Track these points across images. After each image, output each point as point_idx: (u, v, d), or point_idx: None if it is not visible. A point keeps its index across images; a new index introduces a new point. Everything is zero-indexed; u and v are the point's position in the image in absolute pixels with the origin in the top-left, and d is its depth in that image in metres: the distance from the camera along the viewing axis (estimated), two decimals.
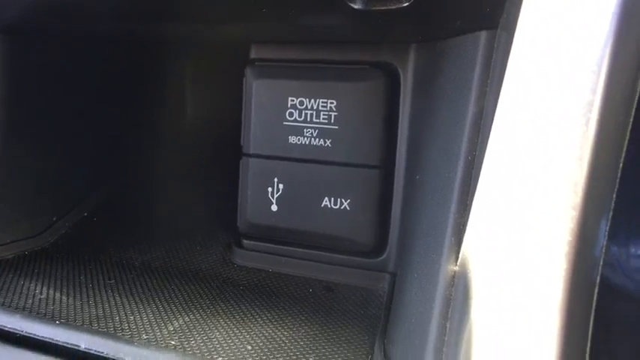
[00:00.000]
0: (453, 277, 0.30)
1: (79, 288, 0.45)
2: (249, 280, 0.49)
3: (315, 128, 0.48)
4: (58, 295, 0.43)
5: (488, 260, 0.26)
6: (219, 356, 0.35)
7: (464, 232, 0.29)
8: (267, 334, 0.38)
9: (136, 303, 0.43)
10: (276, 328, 0.39)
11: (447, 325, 0.31)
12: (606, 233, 0.22)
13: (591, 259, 0.22)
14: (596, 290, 0.22)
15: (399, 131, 0.47)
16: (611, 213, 0.22)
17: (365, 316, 0.42)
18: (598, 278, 0.22)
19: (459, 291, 0.29)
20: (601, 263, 0.22)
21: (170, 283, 0.47)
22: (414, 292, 0.35)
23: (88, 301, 0.42)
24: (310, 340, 0.38)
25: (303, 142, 0.48)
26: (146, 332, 0.37)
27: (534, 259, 0.23)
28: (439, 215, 0.31)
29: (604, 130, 0.22)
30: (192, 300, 0.44)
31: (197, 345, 0.36)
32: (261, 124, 0.50)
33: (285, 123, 0.49)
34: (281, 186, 0.50)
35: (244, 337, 0.37)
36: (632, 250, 0.44)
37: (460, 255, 0.29)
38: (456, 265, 0.30)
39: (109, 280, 0.47)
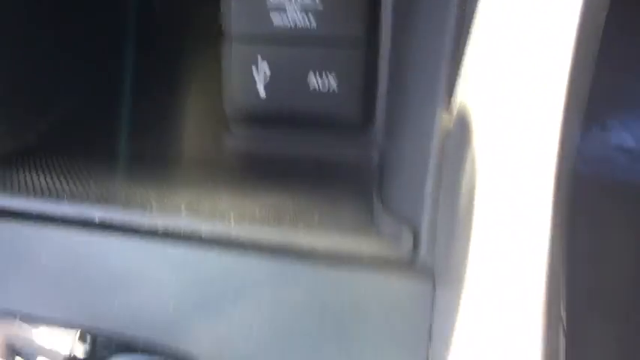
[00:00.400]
0: (448, 126, 0.32)
1: (76, 176, 0.45)
2: (243, 162, 0.50)
3: (298, 3, 0.48)
4: (57, 183, 0.44)
5: (482, 110, 0.29)
6: (231, 217, 0.37)
7: (458, 80, 0.31)
8: (271, 202, 0.40)
9: (136, 184, 0.44)
10: (279, 198, 0.41)
11: (443, 172, 0.33)
12: None
13: None
14: None
15: (383, 5, 0.48)
16: None
17: (360, 182, 0.45)
18: None
19: (453, 138, 0.32)
20: None
21: (167, 167, 0.48)
22: (407, 151, 0.38)
23: (89, 185, 0.43)
24: (313, 204, 0.40)
25: (287, 23, 0.49)
26: (157, 202, 0.39)
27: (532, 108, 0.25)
28: (430, 67, 0.32)
29: None
30: (193, 179, 0.45)
31: (207, 210, 0.38)
32: (242, 1, 0.49)
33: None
34: (266, 69, 0.51)
35: (251, 204, 0.40)
36: None
37: (456, 105, 0.31)
38: (451, 114, 0.32)
39: (104, 167, 0.47)
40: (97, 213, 0.37)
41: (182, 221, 0.36)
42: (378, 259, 0.33)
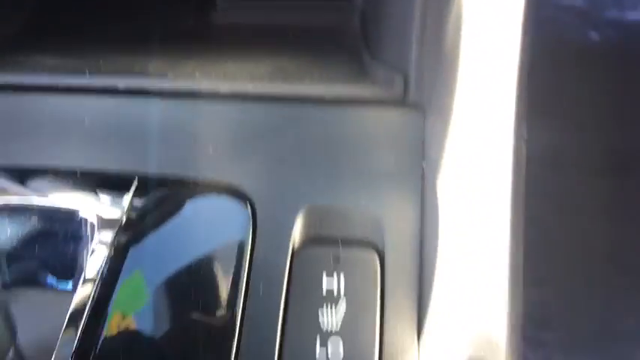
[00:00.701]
0: None
1: (80, 53, 0.48)
2: (234, 32, 0.54)
3: None
4: (66, 60, 0.46)
5: None
6: (243, 77, 0.41)
7: None
8: (273, 63, 0.44)
9: (143, 58, 0.47)
10: (279, 59, 0.46)
11: (427, 20, 0.38)
12: None
13: None
14: None
15: None
16: None
17: (346, 41, 0.50)
18: None
19: None
20: None
21: (165, 40, 0.51)
22: (390, 6, 0.42)
23: (100, 62, 0.46)
24: (311, 62, 0.45)
25: None
26: (171, 71, 0.43)
27: None
28: None
29: None
30: (194, 50, 0.48)
31: (215, 74, 0.42)
32: None
33: None
34: None
35: (256, 65, 0.44)
36: None
37: None
38: None
39: (104, 45, 0.50)
40: (120, 81, 0.41)
41: (202, 83, 0.40)
42: (375, 101, 0.39)
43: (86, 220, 0.35)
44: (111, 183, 0.36)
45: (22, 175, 0.37)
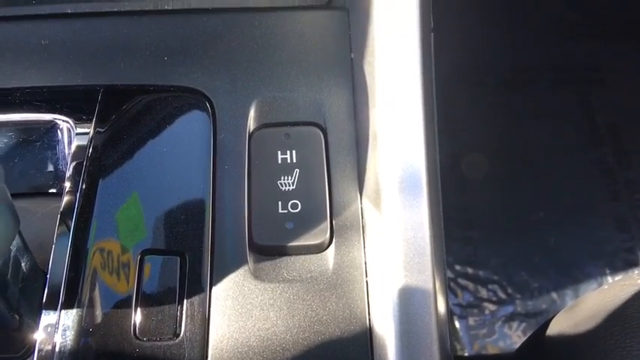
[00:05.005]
0: None
1: None
2: None
3: None
4: None
5: None
6: None
7: None
8: None
9: None
10: None
11: None
12: None
13: None
14: None
15: None
16: None
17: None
18: None
19: None
20: None
21: None
22: None
23: None
24: None
25: None
26: None
27: None
28: None
29: None
30: None
31: None
32: None
33: None
34: None
35: None
36: None
37: None
38: None
39: None
40: (69, 7, 0.44)
41: (146, 3, 0.44)
42: (305, 7, 0.45)
43: (62, 129, 0.39)
44: (78, 95, 0.40)
45: None
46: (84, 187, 0.37)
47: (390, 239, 0.34)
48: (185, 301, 0.34)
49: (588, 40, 1.26)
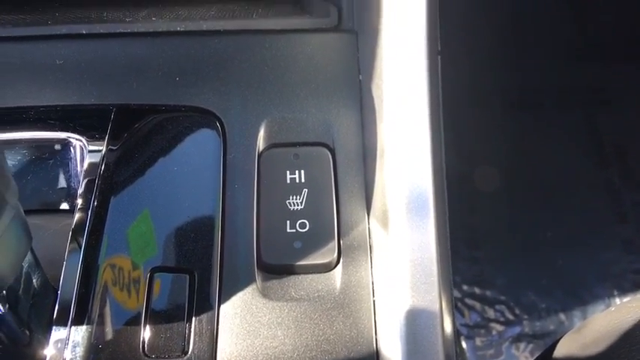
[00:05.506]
0: None
1: (31, 8, 0.50)
2: None
3: None
4: (24, 14, 0.49)
5: None
6: (192, 18, 0.46)
7: None
8: (217, 7, 0.49)
9: (95, 9, 0.50)
10: (222, 3, 0.51)
11: None
12: None
13: None
14: None
15: None
16: None
17: None
18: None
19: None
20: None
21: None
22: None
23: (56, 14, 0.49)
24: (252, 4, 0.50)
25: None
26: (128, 17, 0.47)
27: None
28: None
29: None
30: (141, 1, 0.53)
31: (169, 17, 0.47)
32: None
33: None
34: None
35: (203, 9, 0.49)
36: None
37: None
38: None
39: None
40: (84, 28, 0.45)
41: (160, 25, 0.45)
42: (315, 30, 0.45)
43: (75, 147, 0.40)
44: (91, 114, 0.41)
45: (5, 115, 0.41)
46: (95, 203, 0.38)
47: (397, 259, 0.34)
48: (194, 318, 0.34)
49: (594, 62, 1.27)
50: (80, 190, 0.39)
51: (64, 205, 0.41)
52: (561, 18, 1.29)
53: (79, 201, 0.38)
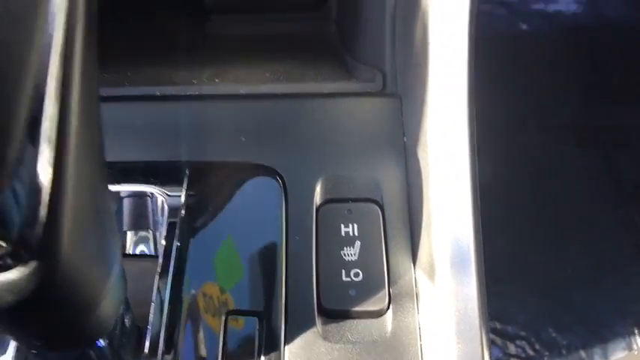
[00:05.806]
0: None
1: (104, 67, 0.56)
2: (232, 44, 0.63)
3: None
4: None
5: None
6: (251, 80, 0.52)
7: None
8: (271, 68, 0.55)
9: (165, 69, 0.56)
10: (275, 65, 0.56)
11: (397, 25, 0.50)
12: None
13: None
14: None
15: None
16: None
17: (327, 47, 0.60)
18: None
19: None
20: None
21: (173, 51, 0.60)
22: (364, 15, 0.53)
23: (127, 74, 0.55)
24: (302, 67, 0.56)
25: None
26: (194, 79, 0.53)
27: None
28: None
29: None
30: (201, 59, 0.58)
31: (230, 79, 0.53)
32: None
33: None
34: None
35: (259, 71, 0.55)
36: None
37: None
38: None
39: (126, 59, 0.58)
40: (157, 90, 0.51)
41: (223, 88, 0.51)
42: (362, 94, 0.51)
43: (157, 200, 0.45)
44: (170, 170, 0.46)
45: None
46: (178, 244, 0.43)
47: (444, 308, 0.39)
48: (262, 357, 0.39)
49: (611, 102, 1.31)
50: (164, 234, 0.44)
51: (143, 251, 0.47)
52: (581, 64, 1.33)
53: (163, 242, 0.43)
